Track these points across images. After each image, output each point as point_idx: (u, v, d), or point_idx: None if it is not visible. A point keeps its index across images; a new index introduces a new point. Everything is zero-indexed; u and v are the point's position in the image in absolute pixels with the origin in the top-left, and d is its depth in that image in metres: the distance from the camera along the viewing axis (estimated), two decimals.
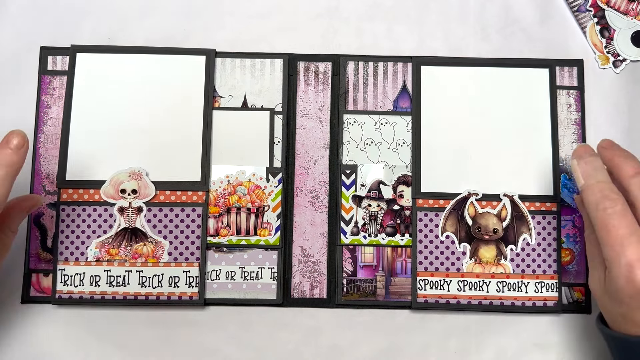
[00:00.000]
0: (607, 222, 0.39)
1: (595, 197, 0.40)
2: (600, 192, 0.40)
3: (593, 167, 0.42)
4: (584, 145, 0.44)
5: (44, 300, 0.49)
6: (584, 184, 0.41)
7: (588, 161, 0.42)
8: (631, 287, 0.37)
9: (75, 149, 0.50)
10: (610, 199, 0.39)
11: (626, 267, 0.37)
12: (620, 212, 0.39)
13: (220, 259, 0.50)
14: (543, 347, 0.50)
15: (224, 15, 0.54)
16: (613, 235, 0.38)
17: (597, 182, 0.41)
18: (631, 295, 0.38)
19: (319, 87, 0.52)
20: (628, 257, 0.37)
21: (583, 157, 0.43)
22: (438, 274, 0.50)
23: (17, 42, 0.53)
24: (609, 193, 0.40)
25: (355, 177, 0.51)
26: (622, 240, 0.38)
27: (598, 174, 0.41)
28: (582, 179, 0.42)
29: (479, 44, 0.54)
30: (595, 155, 0.43)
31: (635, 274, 0.37)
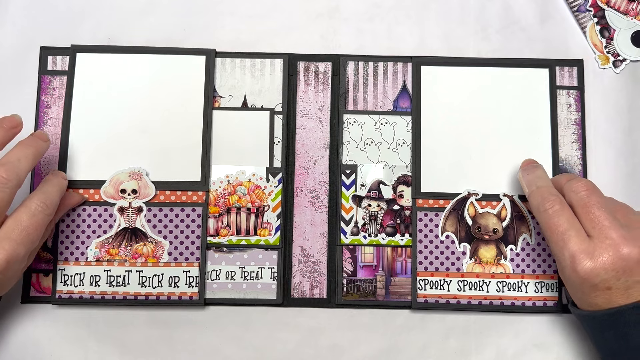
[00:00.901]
0: (548, 221, 0.43)
1: (536, 201, 0.45)
2: (540, 196, 0.44)
3: (535, 176, 0.47)
4: (528, 159, 0.50)
5: (44, 300, 0.49)
6: (528, 192, 0.46)
7: (530, 171, 0.47)
8: (576, 276, 0.41)
9: (75, 149, 0.50)
10: (549, 200, 0.44)
11: (569, 259, 0.41)
12: (558, 210, 0.43)
13: (220, 259, 0.50)
14: (543, 347, 0.50)
15: (224, 15, 0.54)
16: (555, 232, 0.42)
17: (537, 188, 0.45)
18: (579, 283, 0.41)
19: (319, 87, 0.52)
20: (570, 249, 0.41)
21: (527, 168, 0.48)
22: (438, 273, 0.50)
23: (17, 42, 0.53)
24: (547, 195, 0.44)
25: (355, 177, 0.51)
26: (563, 235, 0.42)
27: (538, 181, 0.46)
28: (526, 187, 0.47)
29: (479, 44, 0.54)
30: (538, 165, 0.48)
31: (577, 264, 0.41)
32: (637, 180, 0.52)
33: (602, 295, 0.41)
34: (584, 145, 0.52)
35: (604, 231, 0.41)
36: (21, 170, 0.43)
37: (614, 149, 0.52)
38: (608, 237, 0.41)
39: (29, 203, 0.43)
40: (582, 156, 0.52)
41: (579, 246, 0.41)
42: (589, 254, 0.40)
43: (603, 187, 0.50)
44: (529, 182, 0.47)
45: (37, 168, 0.51)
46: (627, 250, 0.40)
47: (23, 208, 0.43)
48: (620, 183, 0.52)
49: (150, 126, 0.51)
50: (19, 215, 0.43)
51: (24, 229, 0.42)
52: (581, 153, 0.52)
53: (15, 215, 0.43)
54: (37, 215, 0.43)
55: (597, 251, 0.40)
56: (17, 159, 0.43)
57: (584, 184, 0.43)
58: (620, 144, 0.52)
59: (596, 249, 0.40)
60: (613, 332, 0.41)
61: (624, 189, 0.52)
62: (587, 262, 0.40)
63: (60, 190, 0.46)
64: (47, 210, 0.44)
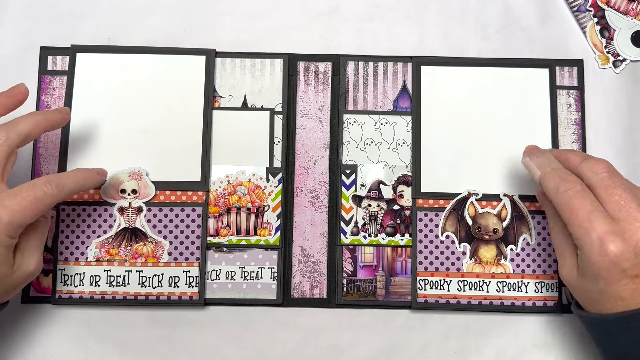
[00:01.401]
0: (571, 202, 0.40)
1: (554, 182, 0.42)
2: (559, 177, 0.42)
3: (546, 158, 0.44)
4: (531, 145, 0.48)
5: (44, 300, 0.49)
6: (541, 174, 0.43)
7: (539, 154, 0.45)
8: (605, 259, 0.38)
9: (75, 149, 0.50)
10: (569, 181, 0.41)
11: (597, 241, 0.38)
12: (580, 191, 0.40)
13: (220, 259, 0.50)
14: (543, 347, 0.50)
15: (224, 15, 0.54)
16: (579, 214, 0.39)
17: (552, 169, 0.43)
18: (607, 267, 0.38)
19: (319, 87, 0.52)
20: (597, 231, 0.38)
21: (533, 152, 0.45)
22: (438, 274, 0.50)
23: (17, 42, 0.53)
24: (566, 176, 0.41)
25: (355, 177, 0.51)
26: (589, 216, 0.39)
27: (551, 163, 0.43)
28: (537, 170, 0.44)
29: (479, 44, 0.54)
30: (544, 150, 0.46)
31: (606, 245, 0.38)
32: (637, 180, 0.51)
33: (630, 284, 0.38)
34: (584, 145, 0.52)
35: (632, 213, 0.38)
36: (15, 132, 0.42)
37: (614, 149, 0.52)
38: (637, 219, 0.38)
39: (36, 179, 0.41)
40: None
41: (608, 227, 0.38)
42: (619, 235, 0.38)
43: None
44: (540, 165, 0.44)
45: (37, 167, 0.51)
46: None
47: (28, 182, 0.41)
48: None
49: (150, 126, 0.51)
50: (20, 186, 0.41)
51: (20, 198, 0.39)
52: None
53: (17, 187, 0.41)
54: (37, 190, 0.40)
55: (627, 233, 0.38)
56: (15, 122, 0.42)
57: (604, 165, 0.41)
58: (620, 144, 0.52)
59: (625, 231, 0.38)
60: (625, 336, 0.39)
61: None
62: (619, 243, 0.38)
63: (80, 182, 0.44)
64: (52, 191, 0.41)
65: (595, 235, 0.38)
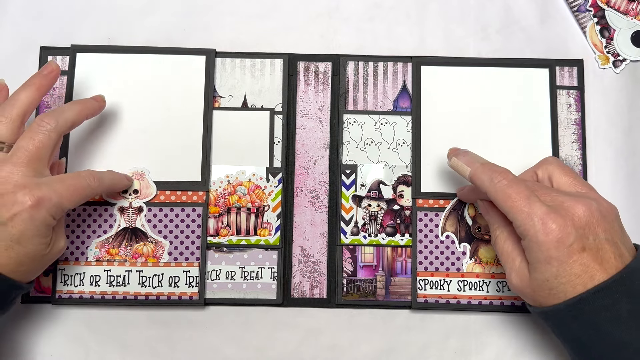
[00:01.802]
0: (507, 191, 0.41)
1: (486, 175, 0.43)
2: (490, 169, 0.43)
3: (471, 156, 0.45)
4: (454, 147, 0.48)
5: (44, 300, 0.49)
6: (471, 170, 0.44)
7: (464, 153, 0.46)
8: (551, 237, 0.39)
9: (75, 149, 0.50)
10: (501, 172, 0.42)
11: (540, 223, 0.39)
12: (514, 179, 0.42)
13: (220, 258, 0.50)
14: (543, 347, 0.50)
15: (224, 15, 0.54)
16: (518, 200, 0.40)
17: (481, 164, 0.44)
18: (555, 246, 0.39)
19: (319, 87, 0.52)
20: (538, 212, 0.39)
21: (458, 152, 0.46)
22: (438, 274, 0.50)
23: (17, 42, 0.53)
24: (497, 168, 0.43)
25: (355, 177, 0.51)
26: (528, 200, 0.40)
27: (479, 158, 0.45)
28: (467, 167, 0.45)
29: (479, 44, 0.54)
30: (466, 149, 0.47)
31: (549, 223, 0.39)
32: (637, 180, 0.52)
33: (580, 259, 0.39)
34: (584, 145, 0.52)
35: (556, 199, 0.41)
36: (63, 119, 0.44)
37: (614, 149, 0.52)
38: (563, 202, 0.40)
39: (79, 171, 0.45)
40: (582, 156, 0.52)
41: (546, 208, 0.40)
42: (557, 213, 0.39)
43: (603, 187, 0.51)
44: (468, 162, 0.44)
45: None
46: (581, 207, 0.39)
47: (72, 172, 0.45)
48: (620, 183, 0.52)
49: (150, 126, 0.51)
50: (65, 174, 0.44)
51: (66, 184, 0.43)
52: (581, 153, 0.52)
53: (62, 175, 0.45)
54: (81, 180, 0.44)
55: (562, 212, 0.39)
56: (62, 110, 0.45)
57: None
58: (620, 144, 0.52)
59: (559, 210, 0.40)
60: (579, 323, 0.39)
61: (624, 189, 0.52)
62: (559, 220, 0.39)
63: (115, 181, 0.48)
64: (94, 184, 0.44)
65: (536, 218, 0.39)
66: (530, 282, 0.41)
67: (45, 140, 0.42)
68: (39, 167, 0.42)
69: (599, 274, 0.39)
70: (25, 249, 0.41)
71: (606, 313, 0.38)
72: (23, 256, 0.41)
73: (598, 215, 0.40)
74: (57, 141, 0.44)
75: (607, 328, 0.38)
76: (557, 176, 0.44)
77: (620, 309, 0.38)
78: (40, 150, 0.42)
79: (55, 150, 0.44)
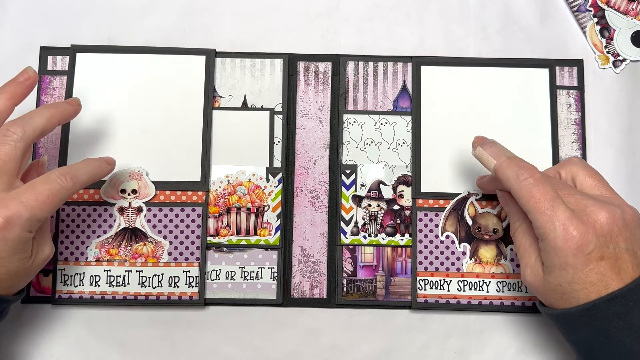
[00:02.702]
0: (532, 190, 0.40)
1: (512, 171, 0.41)
2: (517, 165, 0.41)
3: (498, 147, 0.44)
4: (479, 135, 0.46)
5: (44, 300, 0.49)
6: (497, 163, 0.43)
7: (491, 144, 0.44)
8: (570, 244, 0.38)
9: (75, 149, 0.50)
10: (528, 169, 0.41)
11: (561, 227, 0.38)
12: (540, 178, 0.40)
13: (220, 259, 0.50)
14: (543, 347, 0.50)
15: (224, 15, 0.54)
16: (541, 201, 0.39)
17: (508, 158, 0.42)
18: (573, 253, 0.38)
19: (319, 87, 0.52)
20: (560, 217, 0.39)
21: (485, 142, 0.44)
22: (438, 274, 0.50)
23: (17, 42, 0.53)
24: (524, 164, 0.41)
25: (355, 177, 0.51)
26: (552, 203, 0.39)
27: (506, 151, 0.43)
28: (492, 159, 0.43)
29: (479, 44, 0.54)
30: (493, 140, 0.45)
31: (570, 230, 0.38)
32: (637, 180, 0.52)
33: (597, 268, 0.38)
34: (584, 145, 0.52)
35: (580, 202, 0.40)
36: (31, 127, 0.41)
37: (614, 149, 0.52)
38: (587, 205, 0.39)
39: (49, 172, 0.41)
40: (582, 156, 0.52)
41: (570, 213, 0.39)
42: (579, 219, 0.39)
43: None
44: (495, 153, 0.43)
45: None
46: (605, 215, 0.39)
47: (42, 176, 0.41)
48: (620, 183, 0.52)
49: (150, 126, 0.51)
50: (35, 180, 0.40)
51: (37, 193, 0.39)
52: (581, 153, 0.52)
53: (32, 181, 0.41)
54: (52, 183, 0.40)
55: (584, 217, 0.39)
56: (30, 116, 0.42)
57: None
58: (620, 144, 0.52)
59: (582, 215, 0.39)
60: (590, 328, 0.39)
61: (624, 189, 0.52)
62: (580, 227, 0.38)
63: (92, 172, 0.44)
64: (67, 184, 0.41)
65: (558, 223, 0.39)
66: (543, 282, 0.41)
67: (12, 152, 0.40)
68: (6, 180, 0.40)
69: (615, 283, 0.38)
70: (5, 267, 0.39)
71: (619, 321, 0.38)
72: (4, 275, 0.40)
73: (621, 223, 0.39)
74: (25, 151, 0.41)
75: (619, 336, 0.38)
76: (581, 177, 0.43)
77: (632, 317, 0.38)
78: (7, 163, 0.40)
79: (25, 159, 0.42)
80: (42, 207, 0.40)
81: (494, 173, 0.43)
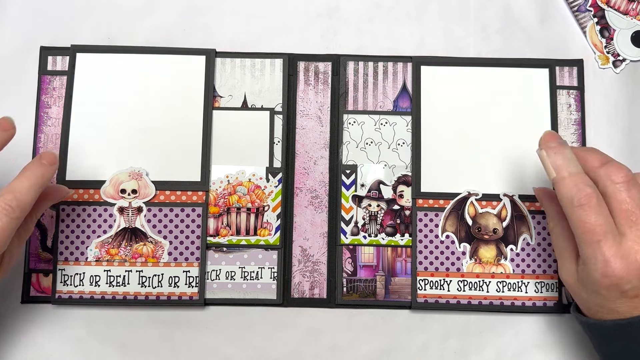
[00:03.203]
0: (584, 219, 0.38)
1: (569, 192, 0.39)
2: (575, 186, 0.39)
3: (563, 158, 0.40)
4: (551, 133, 0.43)
5: (44, 300, 0.49)
6: (556, 177, 0.40)
7: (557, 151, 0.41)
8: (607, 280, 0.38)
9: (75, 149, 0.50)
10: (585, 194, 0.38)
11: (602, 263, 0.38)
12: (595, 207, 0.38)
13: (220, 259, 0.50)
14: (543, 347, 0.50)
15: (224, 15, 0.54)
16: (589, 232, 0.38)
17: (569, 175, 0.40)
18: (607, 288, 0.38)
19: (319, 87, 0.52)
20: (605, 253, 0.38)
21: (552, 147, 0.41)
22: (438, 273, 0.50)
23: (17, 42, 0.53)
24: (583, 187, 0.39)
25: (355, 177, 0.51)
26: (599, 237, 0.38)
27: (570, 166, 0.40)
28: (553, 171, 0.40)
29: (479, 44, 0.54)
30: (563, 143, 0.41)
31: (611, 268, 0.37)
32: None
33: (628, 303, 0.38)
34: (584, 145, 0.52)
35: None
36: (29, 202, 0.40)
37: (614, 149, 0.52)
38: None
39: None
40: None
41: (615, 249, 0.37)
42: (624, 258, 0.37)
43: None
44: (558, 167, 0.40)
45: None
46: None
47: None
48: None
49: (150, 126, 0.51)
50: None
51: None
52: None
53: None
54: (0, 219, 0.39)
55: (632, 255, 0.37)
56: (27, 188, 0.40)
57: (623, 174, 0.39)
58: (620, 144, 0.52)
59: (630, 253, 0.38)
60: (622, 343, 0.39)
61: None
62: (623, 266, 0.37)
63: (36, 185, 0.41)
64: (14, 213, 0.39)
65: (600, 257, 0.38)
66: (575, 288, 0.41)
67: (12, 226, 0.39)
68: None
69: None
70: None
71: None
72: None
73: None
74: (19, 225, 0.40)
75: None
76: None
77: None
78: None
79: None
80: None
81: (552, 185, 0.41)
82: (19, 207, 0.39)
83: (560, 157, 0.40)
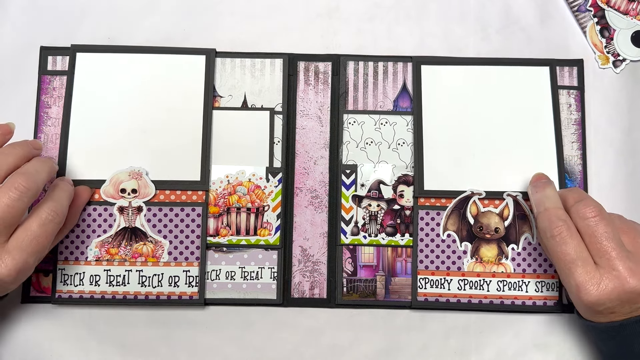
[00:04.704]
0: (555, 249, 0.43)
1: (543, 225, 0.44)
2: (549, 220, 0.44)
3: (543, 195, 0.46)
4: (539, 174, 0.49)
5: (44, 300, 0.49)
6: (536, 212, 0.46)
7: (539, 189, 0.46)
8: (582, 303, 0.42)
9: (75, 149, 0.50)
10: (557, 226, 0.43)
11: (575, 288, 0.42)
12: (566, 238, 0.42)
13: (220, 258, 0.50)
14: (543, 347, 0.50)
15: (224, 15, 0.54)
16: (562, 261, 0.42)
17: (545, 210, 0.45)
18: (583, 309, 0.43)
19: (319, 87, 0.52)
20: (576, 279, 0.42)
21: (536, 185, 0.47)
22: (439, 272, 0.50)
23: (17, 42, 0.53)
24: (555, 220, 0.43)
25: (355, 177, 0.51)
26: (570, 265, 0.42)
27: (546, 201, 0.45)
28: (534, 207, 0.46)
29: (479, 44, 0.54)
30: (547, 182, 0.47)
31: (583, 293, 0.41)
32: (637, 180, 0.52)
33: (605, 317, 0.42)
34: (584, 145, 0.52)
35: (611, 262, 0.41)
36: (39, 182, 0.43)
37: (614, 149, 0.52)
38: (615, 268, 0.41)
39: (39, 212, 0.43)
40: (582, 156, 0.52)
41: (585, 277, 0.41)
42: (594, 285, 0.41)
43: (603, 187, 0.51)
44: (537, 202, 0.46)
45: None
46: (633, 283, 0.41)
47: (34, 217, 0.43)
48: (620, 183, 0.52)
49: (150, 126, 0.51)
50: (30, 224, 0.42)
51: (34, 238, 0.42)
52: (581, 153, 0.52)
53: (26, 225, 0.42)
54: (47, 225, 0.43)
55: (603, 282, 0.41)
56: (35, 171, 0.43)
57: (591, 209, 0.43)
58: (620, 144, 0.52)
59: (602, 280, 0.41)
60: (616, 341, 0.43)
61: (624, 189, 0.52)
62: (593, 293, 0.41)
63: (69, 196, 0.46)
64: (58, 219, 0.43)
65: (573, 283, 0.42)
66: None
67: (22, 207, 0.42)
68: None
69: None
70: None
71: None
72: None
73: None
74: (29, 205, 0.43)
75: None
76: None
77: None
78: None
79: None
80: (44, 248, 0.43)
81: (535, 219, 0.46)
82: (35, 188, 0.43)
83: (541, 194, 0.46)
